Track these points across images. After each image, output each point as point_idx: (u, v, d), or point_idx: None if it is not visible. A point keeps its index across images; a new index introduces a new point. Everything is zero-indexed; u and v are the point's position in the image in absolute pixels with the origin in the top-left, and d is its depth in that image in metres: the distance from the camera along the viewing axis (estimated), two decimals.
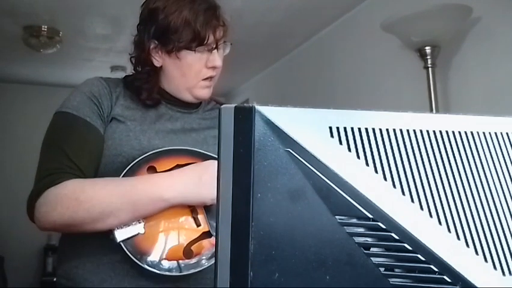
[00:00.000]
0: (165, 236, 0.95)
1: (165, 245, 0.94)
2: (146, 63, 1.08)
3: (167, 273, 0.92)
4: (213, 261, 0.86)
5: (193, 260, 0.95)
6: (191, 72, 1.06)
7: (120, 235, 0.91)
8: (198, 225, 0.98)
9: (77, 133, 0.99)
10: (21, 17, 3.11)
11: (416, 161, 0.43)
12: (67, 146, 0.97)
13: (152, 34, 1.05)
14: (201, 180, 0.94)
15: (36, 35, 3.29)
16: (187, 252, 0.95)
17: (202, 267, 0.95)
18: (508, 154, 0.48)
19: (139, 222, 0.93)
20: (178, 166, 0.99)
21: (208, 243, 0.98)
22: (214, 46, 1.06)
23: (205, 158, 1.03)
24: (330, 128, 0.41)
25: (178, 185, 0.94)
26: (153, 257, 0.92)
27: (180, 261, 0.94)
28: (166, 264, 0.93)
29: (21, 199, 0.96)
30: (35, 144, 1.02)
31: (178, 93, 1.11)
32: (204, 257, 0.97)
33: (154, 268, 0.91)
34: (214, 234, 0.97)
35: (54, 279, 1.06)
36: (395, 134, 0.43)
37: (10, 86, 4.60)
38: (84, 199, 0.90)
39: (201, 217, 0.99)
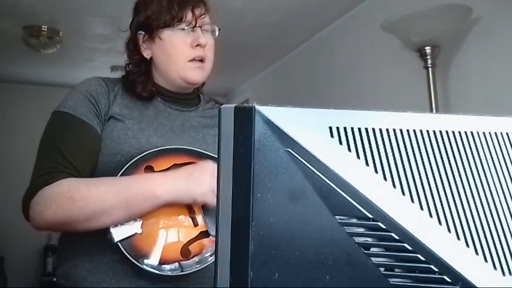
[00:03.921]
0: (166, 232, 0.95)
1: (165, 242, 0.94)
2: (137, 55, 1.11)
3: (168, 273, 0.92)
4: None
5: (196, 259, 0.95)
6: (176, 53, 1.07)
7: (117, 235, 0.91)
8: (196, 224, 0.98)
9: (73, 132, 0.99)
10: (21, 17, 3.11)
11: (416, 161, 0.43)
12: (63, 146, 0.97)
13: (138, 26, 1.10)
14: (191, 176, 0.95)
15: (36, 35, 3.29)
16: (185, 252, 0.95)
17: (207, 263, 0.96)
18: (508, 154, 0.48)
19: (136, 222, 0.93)
20: (176, 166, 0.99)
21: (208, 241, 0.98)
22: (194, 24, 1.07)
23: (203, 157, 1.03)
24: (330, 128, 0.41)
25: (169, 181, 0.94)
26: (152, 260, 0.92)
27: (182, 262, 0.94)
28: (166, 266, 0.93)
29: (21, 199, 0.96)
30: (35, 144, 1.02)
31: (170, 81, 1.11)
32: (208, 253, 0.96)
33: (154, 269, 0.91)
34: (212, 233, 0.98)
35: (54, 279, 1.06)
36: (395, 134, 0.43)
37: (10, 86, 4.60)
38: (78, 197, 0.90)
39: (198, 217, 0.99)
